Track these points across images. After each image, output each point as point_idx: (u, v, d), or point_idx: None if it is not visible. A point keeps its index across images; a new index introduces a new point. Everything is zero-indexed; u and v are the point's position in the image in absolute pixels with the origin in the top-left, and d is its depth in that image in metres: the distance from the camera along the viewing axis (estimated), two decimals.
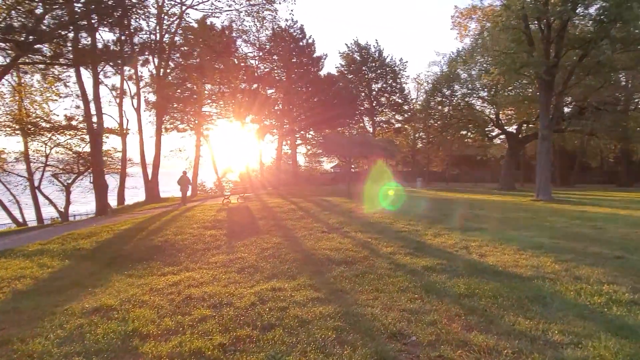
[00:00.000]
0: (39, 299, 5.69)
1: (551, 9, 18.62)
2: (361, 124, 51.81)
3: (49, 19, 15.42)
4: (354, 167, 41.30)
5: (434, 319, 4.21)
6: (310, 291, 5.33)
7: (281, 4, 34.54)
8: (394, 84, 51.03)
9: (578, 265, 6.36)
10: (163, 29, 27.17)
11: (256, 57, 35.75)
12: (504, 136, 38.86)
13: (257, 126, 37.41)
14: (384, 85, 51.30)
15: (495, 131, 39.85)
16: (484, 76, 28.55)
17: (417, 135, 51.59)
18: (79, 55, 17.52)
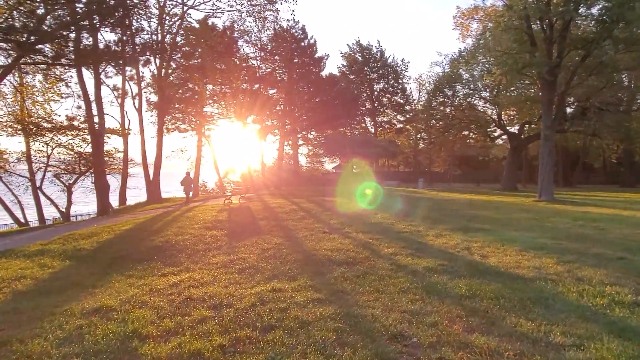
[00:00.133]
0: (39, 300, 5.69)
1: (553, 9, 18.58)
2: (363, 124, 51.91)
3: (50, 19, 15.47)
4: (355, 167, 41.21)
5: (435, 320, 4.19)
6: (311, 292, 5.31)
7: (282, 4, 34.45)
8: (395, 85, 51.11)
9: (580, 266, 6.32)
10: (165, 30, 27.21)
11: (258, 58, 35.83)
12: (506, 137, 38.84)
13: (259, 126, 37.44)
14: (386, 86, 51.39)
15: (497, 132, 39.81)
16: (486, 76, 28.50)
17: (418, 136, 51.60)
18: (80, 56, 17.55)
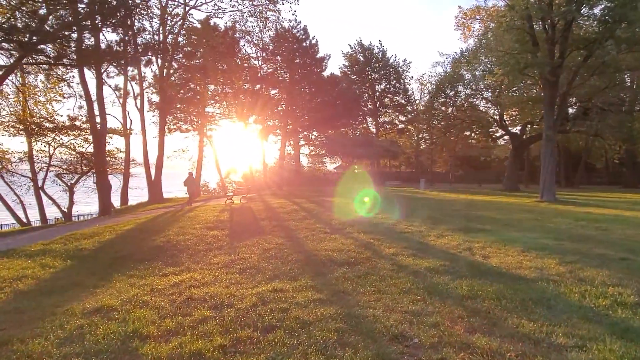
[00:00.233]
0: (40, 299, 5.70)
1: (555, 9, 18.55)
2: (364, 124, 51.92)
3: (52, 20, 15.51)
4: (356, 168, 41.22)
5: (437, 321, 4.17)
6: (312, 292, 5.30)
7: (284, 4, 34.48)
8: (397, 85, 51.09)
9: (583, 267, 6.29)
10: (166, 30, 27.28)
11: (259, 58, 35.78)
12: (508, 137, 38.72)
13: (260, 126, 37.41)
14: (388, 86, 51.38)
15: (499, 132, 39.77)
16: (487, 77, 28.41)
17: (420, 136, 51.56)
18: (82, 56, 17.55)
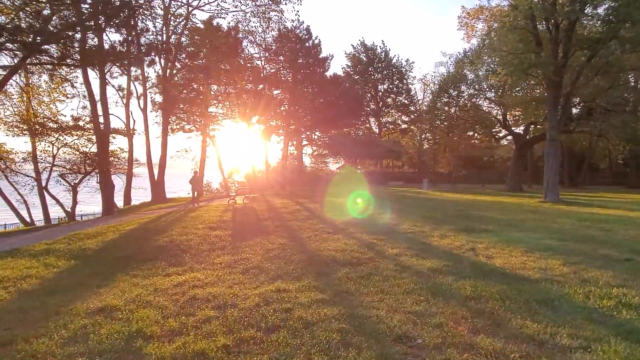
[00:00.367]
0: (44, 299, 5.71)
1: (559, 9, 18.49)
2: (367, 124, 51.86)
3: (56, 20, 15.55)
4: (359, 168, 41.19)
5: (440, 321, 4.16)
6: (315, 293, 5.30)
7: (287, 4, 34.27)
8: (400, 85, 51.02)
9: (587, 267, 6.27)
10: (170, 30, 27.36)
11: (262, 58, 35.80)
12: (511, 137, 38.64)
13: (263, 127, 37.41)
14: (390, 86, 51.32)
15: (502, 132, 39.68)
16: (491, 77, 28.39)
17: (423, 136, 51.52)
18: (86, 56, 17.63)
